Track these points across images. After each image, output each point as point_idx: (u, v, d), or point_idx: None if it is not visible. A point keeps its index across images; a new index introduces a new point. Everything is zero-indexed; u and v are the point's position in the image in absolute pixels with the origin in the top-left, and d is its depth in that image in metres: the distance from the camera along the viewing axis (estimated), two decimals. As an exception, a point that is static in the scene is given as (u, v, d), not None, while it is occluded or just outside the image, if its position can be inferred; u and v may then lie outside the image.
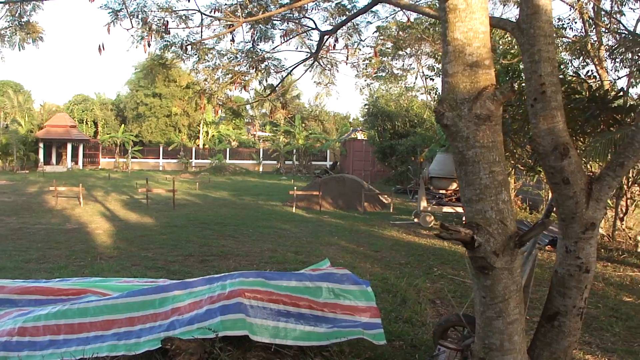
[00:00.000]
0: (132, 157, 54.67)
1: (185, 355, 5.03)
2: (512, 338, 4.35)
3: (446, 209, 18.48)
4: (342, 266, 10.45)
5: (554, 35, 4.82)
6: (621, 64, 19.05)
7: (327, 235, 15.12)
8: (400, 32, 27.90)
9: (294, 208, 21.40)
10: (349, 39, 11.49)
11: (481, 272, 4.22)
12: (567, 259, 4.78)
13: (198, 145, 58.64)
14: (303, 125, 56.15)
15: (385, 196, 24.15)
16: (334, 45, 11.45)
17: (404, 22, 23.04)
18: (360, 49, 12.02)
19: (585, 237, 4.69)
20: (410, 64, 39.15)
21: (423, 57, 34.97)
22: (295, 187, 22.42)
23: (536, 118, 4.53)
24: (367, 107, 40.91)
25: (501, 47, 22.71)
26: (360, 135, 49.37)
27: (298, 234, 15.03)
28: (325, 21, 11.00)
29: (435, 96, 33.70)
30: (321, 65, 11.89)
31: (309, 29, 10.87)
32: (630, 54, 15.94)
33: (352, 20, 10.72)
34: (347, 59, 11.67)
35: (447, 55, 4.07)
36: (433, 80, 31.85)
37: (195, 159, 55.88)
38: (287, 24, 11.43)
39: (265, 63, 11.58)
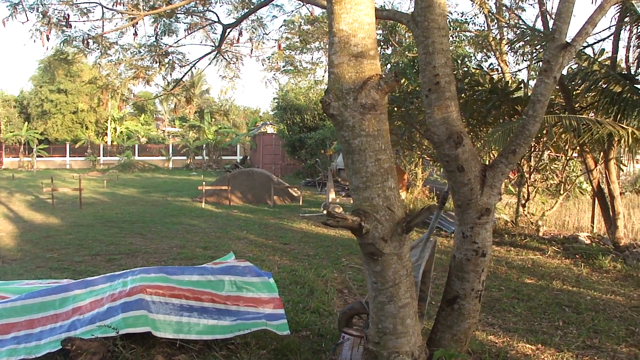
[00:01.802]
0: (37, 156, 52.86)
1: (87, 355, 4.94)
2: (404, 321, 4.46)
3: (355, 200, 18.49)
4: (251, 260, 10.52)
5: (448, 28, 4.94)
6: (522, 57, 19.71)
7: (236, 229, 15.09)
8: (309, 26, 27.98)
9: (203, 203, 21.21)
10: (253, 33, 11.48)
11: (371, 258, 4.29)
12: (464, 244, 4.94)
13: (106, 142, 57.33)
14: (213, 119, 55.66)
15: (295, 189, 24.22)
16: (238, 38, 11.43)
17: (309, 16, 23.14)
18: (264, 43, 12.03)
19: (481, 223, 4.86)
20: (319, 58, 39.34)
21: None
22: (204, 183, 22.21)
23: (431, 108, 4.65)
24: (276, 100, 40.86)
25: (407, 40, 23.12)
26: (270, 129, 49.26)
27: (207, 230, 14.94)
28: (229, 14, 10.97)
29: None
30: (226, 59, 11.83)
31: (212, 22, 10.81)
32: (529, 48, 16.47)
33: (257, 14, 10.72)
34: (252, 53, 11.66)
35: (333, 46, 4.12)
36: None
37: (103, 156, 54.55)
38: (192, 17, 11.34)
39: (170, 57, 11.45)
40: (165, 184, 33.13)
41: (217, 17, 10.40)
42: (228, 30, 9.93)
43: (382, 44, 23.94)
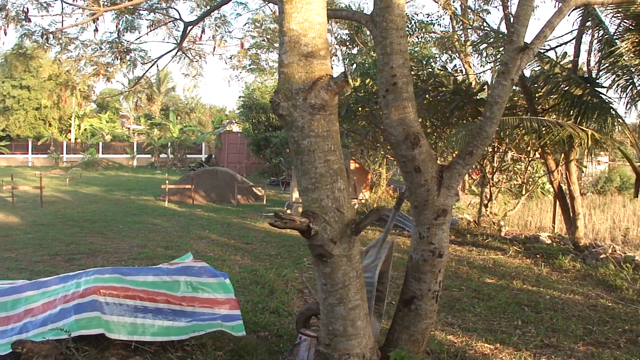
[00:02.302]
0: (-2, 153, 52.04)
1: (39, 357, 4.84)
2: (355, 323, 4.44)
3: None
4: (213, 260, 10.46)
5: (406, 28, 4.94)
6: (486, 59, 19.90)
7: (198, 228, 14.99)
8: (275, 25, 27.92)
9: (166, 202, 21.03)
10: (216, 31, 11.42)
11: (320, 260, 4.27)
12: (421, 244, 4.96)
13: (69, 140, 56.51)
14: (178, 117, 55.24)
15: (259, 188, 24.13)
16: (201, 36, 11.36)
17: (273, 15, 23.09)
18: (226, 41, 11.97)
19: (438, 223, 4.87)
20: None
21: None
22: (167, 181, 22.02)
23: (388, 109, 4.65)
24: (242, 99, 40.69)
25: (373, 40, 23.18)
26: (235, 128, 49.04)
27: (169, 229, 14.81)
28: (192, 12, 10.90)
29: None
30: (188, 57, 11.75)
31: (174, 19, 10.72)
32: (493, 50, 16.64)
33: (220, 12, 10.66)
34: (214, 51, 11.60)
35: (283, 45, 4.07)
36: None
37: (66, 154, 53.73)
38: (155, 14, 11.24)
39: (131, 54, 11.33)
40: (129, 182, 32.81)
41: (179, 14, 10.34)
42: (190, 27, 9.86)
43: (347, 43, 24.00)
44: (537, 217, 18.72)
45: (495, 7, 22.59)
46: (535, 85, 14.39)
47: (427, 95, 15.17)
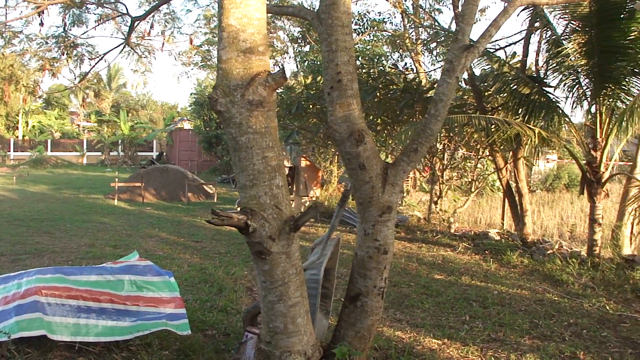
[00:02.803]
0: (-57, 151, 50.71)
1: (-23, 360, 4.75)
2: (295, 320, 4.44)
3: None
4: (161, 258, 10.36)
5: (352, 26, 4.95)
6: (436, 57, 20.08)
7: (148, 227, 14.83)
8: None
9: (115, 201, 20.73)
10: (165, 27, 11.30)
11: (259, 257, 4.25)
12: (366, 241, 4.97)
13: (17, 137, 55.36)
14: (129, 115, 54.52)
15: (210, 186, 23.96)
16: (149, 32, 11.23)
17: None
18: (174, 37, 11.86)
19: (383, 220, 4.89)
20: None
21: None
22: (117, 179, 21.70)
23: (333, 106, 4.65)
24: (194, 96, 40.37)
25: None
26: (187, 125, 48.56)
27: (118, 228, 14.61)
28: (140, 6, 10.77)
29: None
30: (137, 53, 11.60)
31: (121, 14, 10.57)
32: (442, 48, 16.81)
33: (170, 8, 10.56)
34: (163, 47, 11.48)
35: (221, 41, 4.02)
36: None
37: (13, 151, 52.60)
38: (103, 8, 11.08)
39: (79, 49, 11.14)
40: (78, 180, 32.26)
41: (126, 8, 10.18)
42: (137, 22, 9.73)
43: (300, 41, 23.99)
44: (487, 214, 18.99)
45: (447, 6, 22.80)
46: (485, 84, 14.59)
47: (377, 93, 15.25)
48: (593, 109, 11.70)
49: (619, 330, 7.66)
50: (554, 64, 12.29)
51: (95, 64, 11.48)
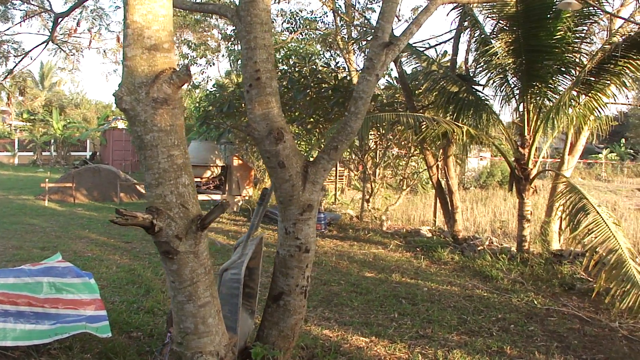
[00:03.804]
0: None
1: None
2: (206, 321, 4.37)
3: (202, 197, 18.08)
4: (90, 259, 10.14)
5: (271, 23, 4.91)
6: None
7: (78, 228, 14.49)
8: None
9: (46, 201, 20.19)
10: (93, 24, 11.07)
11: (167, 257, 4.16)
12: (287, 240, 4.94)
13: (-56, 137, 53.68)
14: (62, 114, 53.31)
15: (143, 186, 23.60)
16: (76, 28, 10.98)
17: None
18: (100, 34, 11.64)
19: (303, 219, 4.87)
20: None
21: (184, 46, 34.53)
22: (47, 180, 21.16)
23: (252, 104, 4.60)
24: (126, 95, 39.64)
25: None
26: (121, 124, 47.72)
27: (47, 229, 14.24)
28: (66, 3, 10.51)
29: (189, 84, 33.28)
30: (63, 50, 11.34)
31: (44, 10, 10.31)
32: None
33: (98, 4, 10.36)
34: (90, 44, 11.25)
35: (126, 38, 3.91)
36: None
37: (-59, 152, 51.03)
38: (28, 4, 10.78)
39: (4, 46, 10.83)
40: (8, 181, 31.38)
41: (50, 5, 9.92)
42: (60, 19, 9.49)
43: (232, 39, 23.84)
44: (421, 211, 19.18)
45: (378, 4, 22.94)
46: (416, 82, 14.73)
47: (309, 92, 15.26)
48: (521, 107, 11.92)
49: (546, 324, 7.83)
50: (483, 63, 12.47)
51: (20, 60, 11.17)
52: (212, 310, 4.39)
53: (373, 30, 15.52)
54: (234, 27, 24.62)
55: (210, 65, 32.94)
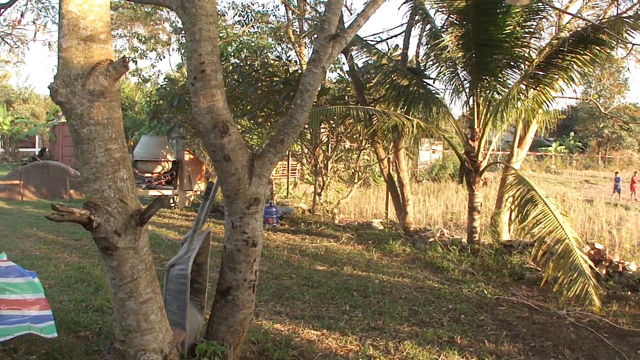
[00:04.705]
0: None
1: None
2: (148, 317, 4.30)
3: (153, 193, 17.96)
4: (39, 258, 9.94)
5: (217, 15, 4.84)
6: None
7: (26, 226, 14.16)
8: (112, 12, 26.95)
9: (-7, 200, 19.83)
10: (38, 15, 10.82)
11: (106, 253, 4.07)
12: (234, 234, 4.89)
13: None
14: (10, 109, 52.18)
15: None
16: (20, 20, 10.72)
17: (114, 1, 22.26)
18: (45, 26, 11.39)
19: (250, 212, 4.82)
20: (123, 46, 38.06)
21: (134, 39, 34.06)
22: (-7, 178, 20.69)
23: (196, 96, 4.53)
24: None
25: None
26: (71, 120, 46.87)
27: (-6, 228, 13.93)
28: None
29: (140, 78, 32.80)
30: (7, 43, 11.08)
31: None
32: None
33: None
34: (35, 36, 11.00)
35: (62, 28, 3.81)
36: (136, 63, 30.71)
37: None
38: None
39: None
40: (-48, 179, 30.65)
41: (-9, -4, 9.68)
42: (3, 10, 9.25)
43: (183, 32, 23.64)
44: (373, 204, 19.29)
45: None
46: (367, 76, 14.77)
47: (260, 85, 15.20)
48: (471, 101, 12.04)
49: (496, 313, 7.94)
50: (433, 57, 12.57)
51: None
52: (154, 306, 4.32)
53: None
54: (183, 20, 24.44)
55: (161, 59, 32.57)
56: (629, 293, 9.05)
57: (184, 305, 4.93)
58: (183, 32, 20.21)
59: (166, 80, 23.02)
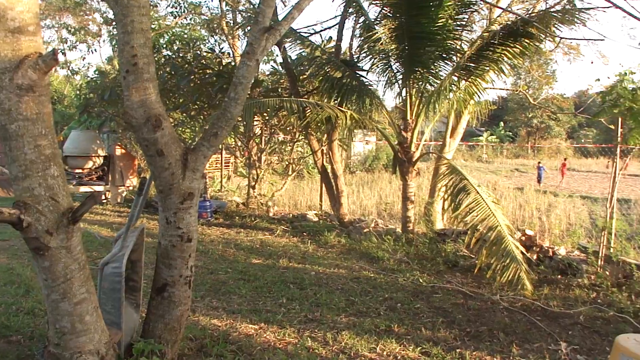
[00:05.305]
0: None
1: None
2: (83, 319, 4.19)
3: (84, 189, 17.39)
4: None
5: (149, 6, 4.73)
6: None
7: (-54, 228, 13.64)
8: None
9: None
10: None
11: (37, 254, 3.94)
12: (169, 230, 4.81)
13: None
14: None
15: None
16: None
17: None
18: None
19: (184, 207, 4.76)
20: (51, 36, 37.08)
21: (63, 30, 33.19)
22: None
23: (128, 90, 4.42)
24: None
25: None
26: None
27: None
28: None
29: (69, 71, 32.08)
30: None
31: None
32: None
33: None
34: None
35: None
36: (65, 55, 30.03)
37: None
38: None
39: None
40: None
41: None
42: None
43: (114, 24, 23.22)
44: (307, 196, 19.32)
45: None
46: (301, 68, 14.76)
47: (193, 77, 15.05)
48: (404, 92, 12.15)
49: (431, 300, 8.06)
50: (367, 49, 12.62)
51: None
52: (89, 307, 4.21)
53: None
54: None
55: (92, 52, 31.87)
56: (559, 277, 9.32)
57: (119, 304, 4.83)
58: (114, 23, 19.93)
59: (97, 72, 22.58)
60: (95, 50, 34.00)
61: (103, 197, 17.86)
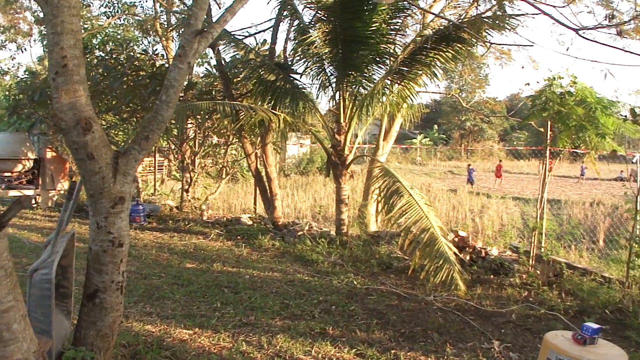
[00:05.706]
0: None
1: None
2: (10, 327, 4.07)
3: (13, 193, 16.93)
4: None
5: (81, 6, 4.64)
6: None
7: None
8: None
9: None
10: None
11: None
12: (99, 235, 4.73)
13: None
14: None
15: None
16: None
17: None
18: None
19: (115, 212, 4.68)
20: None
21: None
22: None
23: (58, 92, 4.33)
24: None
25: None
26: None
27: None
28: None
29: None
30: None
31: None
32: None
33: None
34: None
35: None
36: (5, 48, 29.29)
37: None
38: None
39: None
40: None
41: None
42: None
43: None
44: (241, 199, 19.27)
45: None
46: (235, 70, 14.71)
47: (126, 79, 14.84)
48: (337, 95, 12.23)
49: (366, 302, 8.13)
50: (301, 52, 12.67)
51: None
52: (16, 315, 4.09)
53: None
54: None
55: (23, 52, 31.15)
56: (492, 276, 9.54)
57: (49, 311, 4.71)
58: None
59: (27, 73, 22.04)
60: (25, 49, 33.19)
61: (33, 201, 17.44)
